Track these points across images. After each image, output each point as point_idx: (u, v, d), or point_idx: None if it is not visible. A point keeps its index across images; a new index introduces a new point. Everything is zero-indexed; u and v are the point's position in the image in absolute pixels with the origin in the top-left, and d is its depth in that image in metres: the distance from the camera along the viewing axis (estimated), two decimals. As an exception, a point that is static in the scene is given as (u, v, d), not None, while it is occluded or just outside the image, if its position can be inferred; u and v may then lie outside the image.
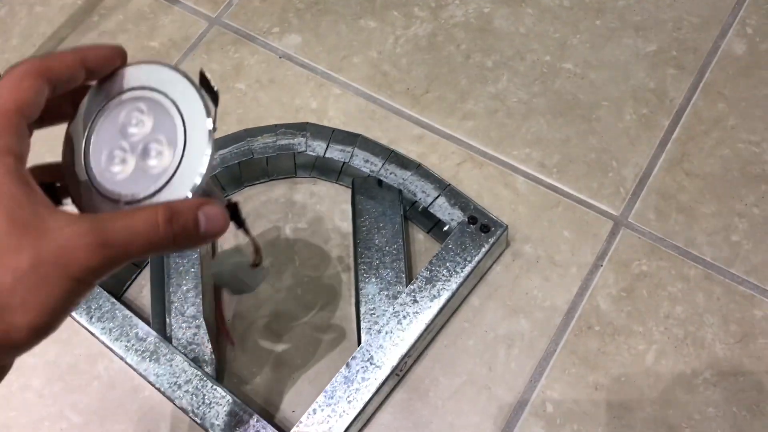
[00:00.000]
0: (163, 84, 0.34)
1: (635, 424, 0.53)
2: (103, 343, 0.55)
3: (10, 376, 0.60)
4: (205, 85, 0.34)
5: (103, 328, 0.55)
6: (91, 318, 0.56)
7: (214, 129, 0.33)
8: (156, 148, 0.33)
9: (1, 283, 0.27)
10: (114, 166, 0.33)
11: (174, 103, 0.33)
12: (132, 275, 0.62)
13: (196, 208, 0.31)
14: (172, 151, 0.33)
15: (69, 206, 0.33)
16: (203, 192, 0.32)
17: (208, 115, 0.33)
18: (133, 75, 0.34)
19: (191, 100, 0.33)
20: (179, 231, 0.30)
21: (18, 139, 0.29)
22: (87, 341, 0.59)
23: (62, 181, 0.34)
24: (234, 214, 0.39)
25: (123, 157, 0.33)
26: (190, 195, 0.32)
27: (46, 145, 0.34)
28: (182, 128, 0.33)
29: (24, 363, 0.59)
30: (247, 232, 0.41)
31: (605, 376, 0.55)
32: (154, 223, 0.30)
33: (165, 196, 0.32)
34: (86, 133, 0.34)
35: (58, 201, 0.35)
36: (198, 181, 0.32)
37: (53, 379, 0.58)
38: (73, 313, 0.56)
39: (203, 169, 0.32)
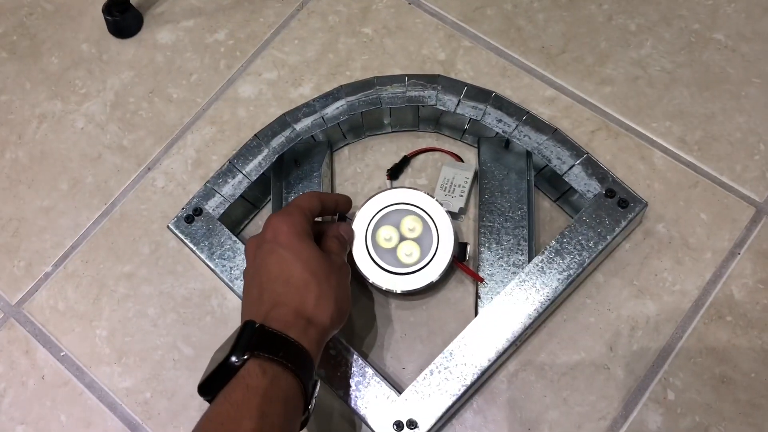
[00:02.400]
0: (435, 213, 0.56)
1: (764, 424, 0.51)
2: (222, 280, 0.55)
3: (128, 302, 0.60)
4: (462, 246, 0.56)
5: (224, 266, 0.55)
6: (212, 254, 0.56)
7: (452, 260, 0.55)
8: (410, 249, 0.55)
9: (339, 296, 0.49)
10: (384, 242, 0.56)
11: (437, 229, 0.55)
12: (250, 214, 0.61)
13: (337, 229, 0.55)
14: (419, 256, 0.55)
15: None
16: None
17: (456, 254, 0.55)
18: (401, 195, 0.57)
19: (448, 236, 0.55)
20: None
21: (306, 221, 0.51)
22: (201, 276, 0.59)
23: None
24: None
25: (390, 237, 0.56)
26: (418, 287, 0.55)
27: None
28: (435, 246, 0.55)
29: (140, 291, 0.60)
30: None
31: (734, 369, 0.52)
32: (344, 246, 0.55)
33: (415, 281, 0.55)
34: (372, 220, 0.56)
35: None
36: (423, 284, 0.55)
37: (167, 310, 0.59)
38: (195, 248, 0.56)
39: (429, 281, 0.54)
